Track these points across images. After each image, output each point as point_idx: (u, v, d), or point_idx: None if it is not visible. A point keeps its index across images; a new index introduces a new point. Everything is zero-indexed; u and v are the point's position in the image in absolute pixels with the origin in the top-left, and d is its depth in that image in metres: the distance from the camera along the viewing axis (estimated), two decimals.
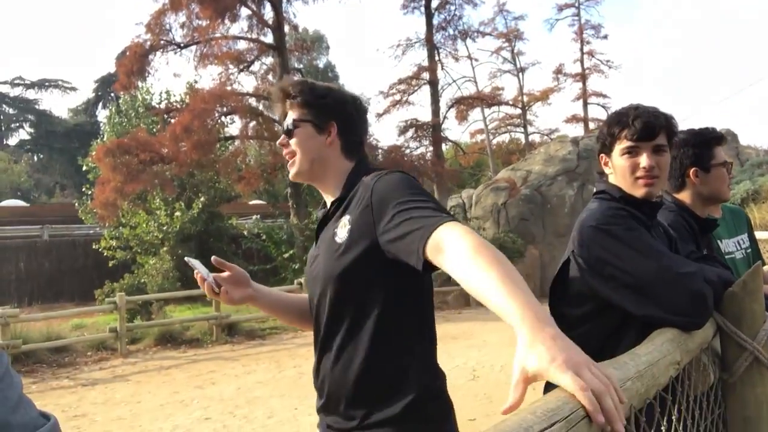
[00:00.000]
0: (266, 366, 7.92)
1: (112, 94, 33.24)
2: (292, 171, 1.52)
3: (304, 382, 6.83)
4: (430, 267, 1.13)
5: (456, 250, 1.03)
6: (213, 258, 1.59)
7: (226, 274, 1.58)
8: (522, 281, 0.93)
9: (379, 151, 18.48)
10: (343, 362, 1.35)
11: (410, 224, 1.16)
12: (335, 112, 1.49)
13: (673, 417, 1.12)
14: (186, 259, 1.66)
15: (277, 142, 1.57)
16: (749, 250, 2.35)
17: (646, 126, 1.53)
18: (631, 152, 1.57)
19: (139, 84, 17.74)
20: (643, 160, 1.55)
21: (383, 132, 73.51)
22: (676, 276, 1.36)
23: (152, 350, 9.42)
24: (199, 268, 1.58)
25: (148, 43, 16.91)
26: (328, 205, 1.50)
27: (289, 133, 1.50)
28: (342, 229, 1.36)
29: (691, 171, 2.06)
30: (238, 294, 1.59)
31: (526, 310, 0.87)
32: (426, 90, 22.56)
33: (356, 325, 1.34)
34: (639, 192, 1.57)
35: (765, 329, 1.37)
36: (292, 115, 1.51)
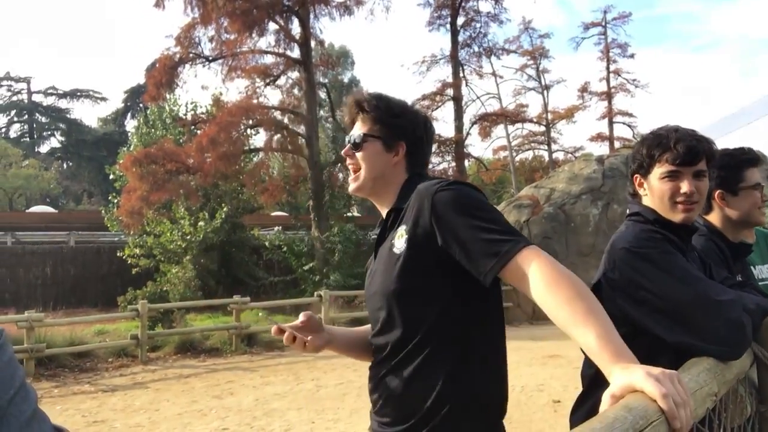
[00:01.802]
0: (284, 378, 7.91)
1: (141, 105, 33.92)
2: (354, 185, 1.50)
3: (322, 395, 6.80)
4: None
5: (536, 282, 1.10)
6: (302, 314, 1.52)
7: (299, 322, 1.49)
8: (601, 312, 1.03)
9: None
10: (407, 375, 1.30)
11: (486, 243, 1.18)
12: (406, 133, 1.48)
13: None
14: (260, 313, 1.66)
15: (342, 152, 1.54)
16: None
17: (689, 151, 1.49)
18: (672, 176, 1.52)
19: (167, 96, 18.06)
20: (685, 185, 1.50)
21: None
22: (714, 303, 1.31)
23: (172, 358, 9.49)
24: (270, 322, 1.54)
25: (177, 55, 17.27)
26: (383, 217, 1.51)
27: (357, 146, 1.48)
28: (399, 240, 1.33)
29: (717, 193, 1.98)
30: (318, 341, 1.51)
31: (606, 347, 0.98)
32: (450, 106, 22.65)
33: (417, 338, 1.29)
34: (677, 217, 1.52)
35: None
36: (361, 128, 1.49)
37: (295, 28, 18.05)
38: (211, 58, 17.68)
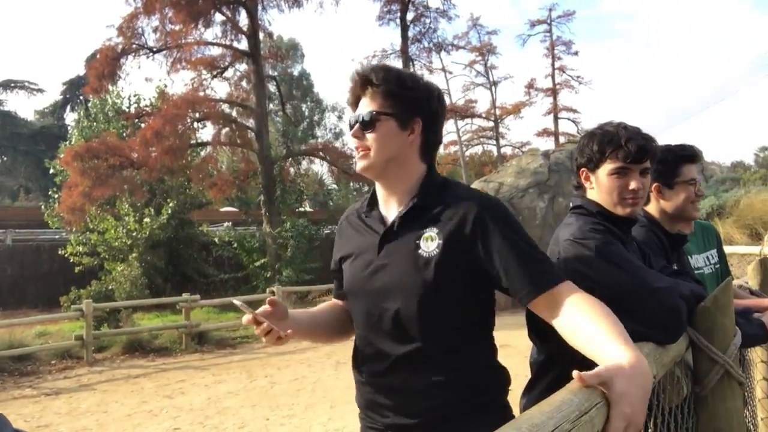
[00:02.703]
0: (237, 375, 7.81)
1: (81, 97, 32.61)
2: (363, 164, 1.35)
3: (276, 391, 6.77)
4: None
5: (572, 309, 1.15)
6: (268, 299, 1.33)
7: (265, 308, 1.32)
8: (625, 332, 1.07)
9: (354, 160, 18.49)
10: (419, 374, 1.30)
11: (530, 267, 1.23)
12: (421, 107, 1.34)
13: (650, 430, 1.15)
14: (233, 300, 1.47)
15: (351, 133, 1.37)
16: (718, 266, 2.40)
17: (640, 149, 1.56)
18: (621, 173, 1.59)
19: (110, 87, 17.45)
20: (633, 182, 1.57)
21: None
22: (652, 290, 1.39)
23: (119, 359, 9.22)
24: (246, 309, 1.33)
25: (120, 46, 16.70)
26: (386, 208, 1.40)
27: (366, 125, 1.33)
28: (428, 243, 1.27)
29: (654, 186, 2.09)
30: (285, 328, 1.34)
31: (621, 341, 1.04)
32: None
33: (434, 339, 1.29)
34: (623, 212, 1.60)
35: (735, 343, 1.42)
36: (370, 105, 1.33)
37: (243, 19, 17.76)
38: (155, 49, 17.18)
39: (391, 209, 1.39)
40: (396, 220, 1.34)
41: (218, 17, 17.40)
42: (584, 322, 1.11)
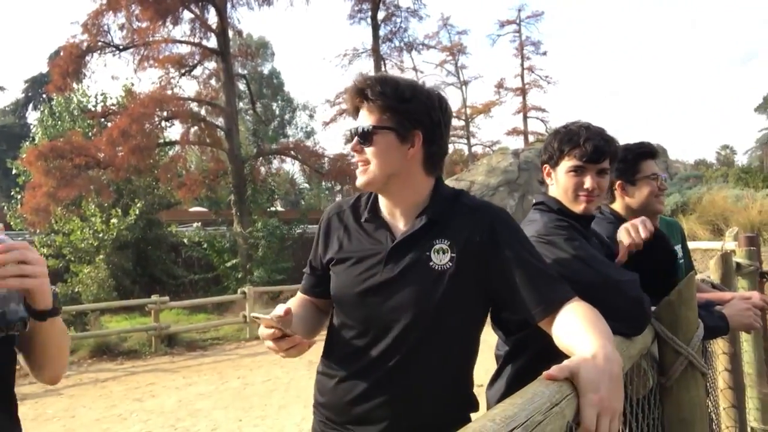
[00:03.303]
0: (208, 377, 7.73)
1: (45, 96, 31.78)
2: (363, 180, 1.32)
3: (248, 393, 6.72)
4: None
5: (574, 319, 1.15)
6: (285, 309, 1.24)
7: (280, 316, 1.24)
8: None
9: (326, 159, 18.43)
10: (417, 387, 1.30)
11: (541, 283, 1.23)
12: (421, 118, 1.29)
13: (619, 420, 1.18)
14: (253, 316, 1.37)
15: (350, 147, 1.34)
16: (682, 261, 2.48)
17: (596, 150, 1.61)
18: (577, 171, 1.64)
19: (75, 86, 17.05)
20: (588, 181, 1.63)
21: (329, 140, 73.30)
22: (615, 283, 1.43)
23: (87, 362, 9.02)
24: (266, 320, 1.25)
25: (85, 43, 16.31)
26: (392, 219, 1.37)
27: (364, 139, 1.30)
28: (441, 255, 1.27)
29: (617, 184, 2.16)
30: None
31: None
32: None
33: (440, 353, 1.30)
34: (578, 208, 1.66)
35: (698, 335, 1.46)
36: (369, 118, 1.30)
37: (212, 17, 17.53)
38: (121, 47, 16.83)
39: (397, 220, 1.37)
40: (407, 233, 1.32)
41: (186, 15, 17.15)
42: (572, 323, 1.15)
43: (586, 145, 1.61)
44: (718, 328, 1.72)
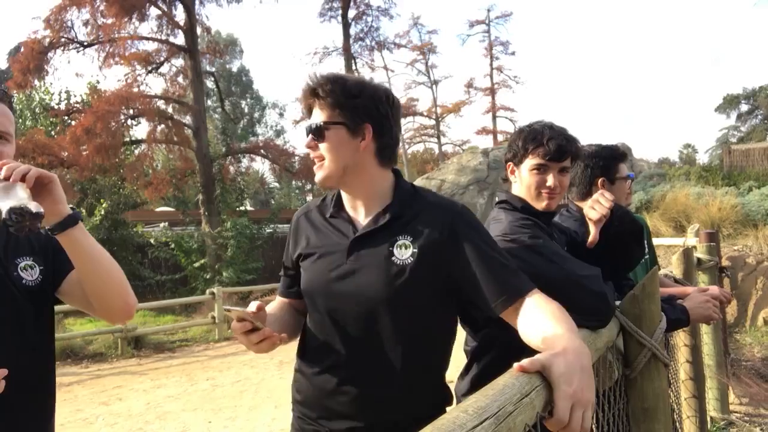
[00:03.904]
0: (177, 379, 7.61)
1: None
2: (320, 175, 1.38)
3: (218, 394, 6.64)
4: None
5: (537, 313, 1.19)
6: (258, 304, 1.28)
7: (252, 311, 1.27)
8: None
9: (296, 158, 18.33)
10: (387, 381, 1.33)
11: (502, 275, 1.27)
12: (370, 112, 1.36)
13: None
14: (225, 308, 1.37)
15: (305, 144, 1.40)
16: (647, 257, 2.56)
17: (558, 149, 1.67)
18: (540, 169, 1.70)
19: (36, 83, 16.61)
20: (550, 179, 1.69)
21: (300, 139, 72.91)
22: (578, 278, 1.48)
23: None
24: (237, 312, 1.26)
25: (47, 39, 15.91)
26: (355, 213, 1.42)
27: (318, 134, 1.37)
28: (402, 250, 1.31)
29: (599, 181, 2.24)
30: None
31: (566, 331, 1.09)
32: None
33: (407, 347, 1.32)
34: (540, 205, 1.71)
35: (661, 328, 1.51)
36: (321, 115, 1.37)
37: (180, 14, 17.26)
38: (86, 44, 16.46)
39: (359, 213, 1.41)
40: (369, 227, 1.37)
41: (153, 11, 16.86)
42: (537, 318, 1.17)
43: (549, 144, 1.66)
44: (679, 321, 1.78)
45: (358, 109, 1.35)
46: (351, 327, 1.34)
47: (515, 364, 0.91)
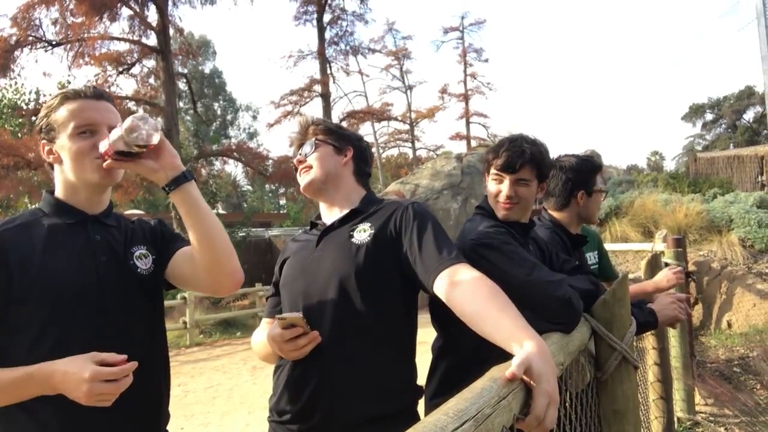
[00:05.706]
0: None
1: None
2: (306, 179, 1.62)
3: (190, 400, 6.57)
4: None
5: (464, 285, 1.26)
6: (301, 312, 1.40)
7: (300, 314, 1.38)
8: (512, 305, 1.19)
9: (270, 161, 18.22)
10: (351, 364, 1.40)
11: (436, 250, 1.37)
12: (352, 140, 1.70)
13: (560, 413, 1.25)
14: (279, 317, 1.37)
15: (295, 160, 1.67)
16: (597, 265, 2.68)
17: (507, 160, 1.75)
18: (497, 179, 1.79)
19: (2, 82, 16.21)
20: (504, 189, 1.76)
21: (274, 142, 72.47)
22: (544, 283, 1.53)
23: None
24: (296, 320, 1.35)
25: (14, 38, 15.52)
26: (329, 218, 1.62)
27: (309, 150, 1.64)
28: (361, 234, 1.49)
29: (579, 193, 2.30)
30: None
31: (518, 326, 1.12)
32: (318, 102, 22.63)
33: (366, 327, 1.41)
34: (498, 214, 1.78)
35: (631, 331, 1.56)
36: (313, 140, 1.66)
37: (152, 14, 17.02)
38: (54, 43, 16.11)
39: (333, 217, 1.62)
40: (335, 222, 1.58)
41: (125, 11, 16.59)
42: (485, 309, 1.19)
43: (502, 155, 1.75)
44: (648, 323, 1.84)
45: (343, 138, 1.68)
46: (319, 308, 1.44)
47: (507, 372, 0.94)
